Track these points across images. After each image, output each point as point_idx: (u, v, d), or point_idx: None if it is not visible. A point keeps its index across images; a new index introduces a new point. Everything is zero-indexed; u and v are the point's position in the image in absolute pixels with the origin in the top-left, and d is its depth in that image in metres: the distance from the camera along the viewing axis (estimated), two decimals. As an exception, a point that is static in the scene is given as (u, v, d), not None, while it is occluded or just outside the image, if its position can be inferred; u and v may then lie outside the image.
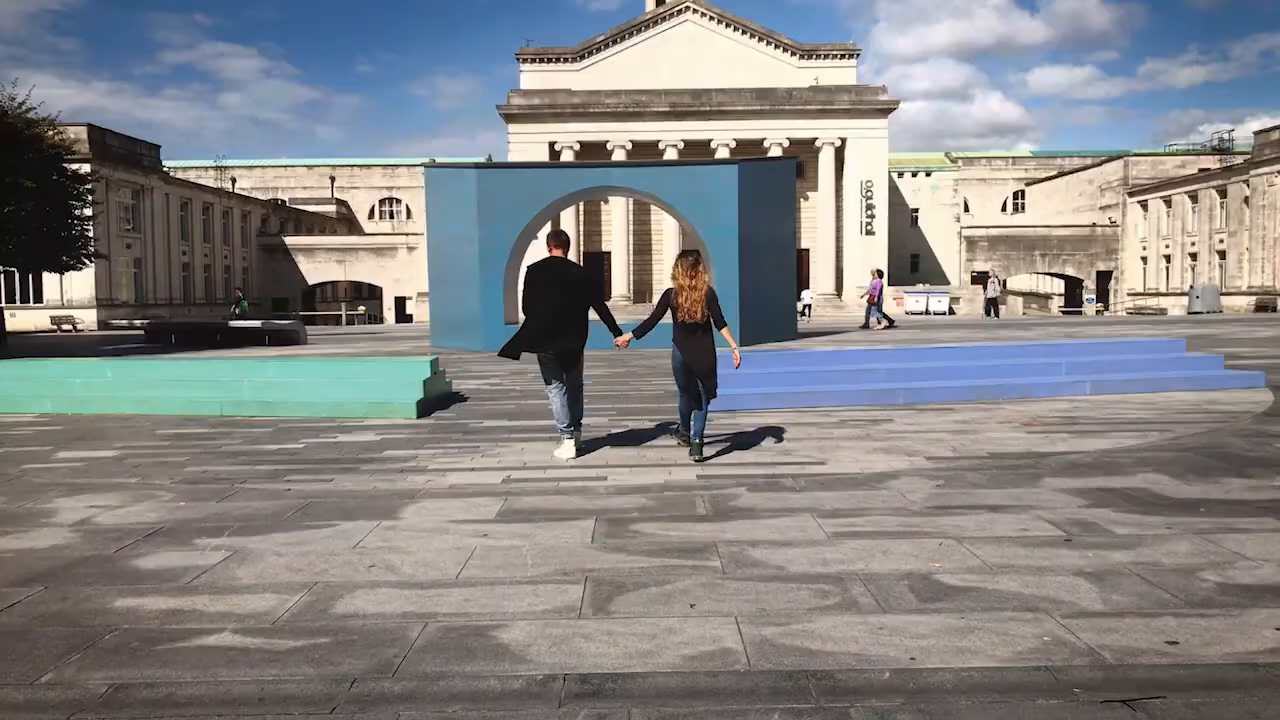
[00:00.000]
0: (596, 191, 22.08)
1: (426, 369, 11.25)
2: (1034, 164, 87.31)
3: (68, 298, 46.82)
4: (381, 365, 12.29)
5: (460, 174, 21.24)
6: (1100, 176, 71.40)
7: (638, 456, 8.07)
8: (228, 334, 25.71)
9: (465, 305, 21.11)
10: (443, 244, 22.11)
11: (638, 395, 12.23)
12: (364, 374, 11.65)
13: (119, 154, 49.20)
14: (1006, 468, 7.36)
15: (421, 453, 8.48)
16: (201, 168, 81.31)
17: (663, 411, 10.74)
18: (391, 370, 11.77)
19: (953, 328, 30.78)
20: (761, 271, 21.19)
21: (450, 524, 5.91)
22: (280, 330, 25.07)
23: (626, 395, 12.33)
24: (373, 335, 32.19)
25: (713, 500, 6.41)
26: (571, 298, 8.11)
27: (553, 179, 20.91)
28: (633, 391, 12.53)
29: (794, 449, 8.33)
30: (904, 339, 23.32)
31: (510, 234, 20.59)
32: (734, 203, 20.41)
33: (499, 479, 7.27)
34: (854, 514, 5.99)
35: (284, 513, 6.29)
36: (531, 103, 57.57)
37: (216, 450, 8.86)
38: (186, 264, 56.82)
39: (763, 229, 21.25)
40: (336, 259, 66.45)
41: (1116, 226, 68.20)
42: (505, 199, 20.54)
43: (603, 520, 5.91)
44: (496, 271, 20.59)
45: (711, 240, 20.61)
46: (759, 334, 20.94)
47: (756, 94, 56.91)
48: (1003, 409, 10.55)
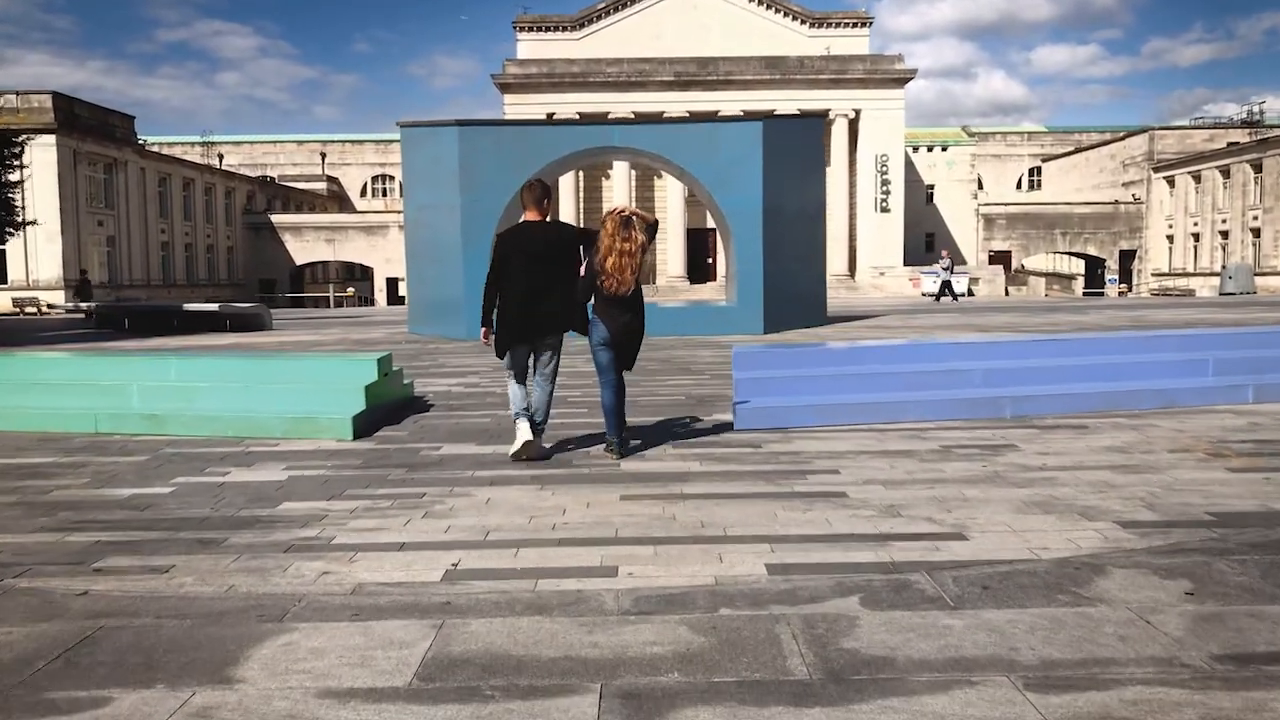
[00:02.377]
0: (597, 154, 19.18)
1: (372, 369, 8.38)
2: (1050, 140, 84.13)
3: (33, 278, 43.86)
4: (316, 364, 9.40)
5: (439, 132, 18.31)
6: (1123, 151, 68.23)
7: (663, 521, 5.21)
8: (185, 319, 22.85)
9: (446, 286, 18.23)
10: (420, 215, 19.21)
11: (650, 403, 9.38)
12: (291, 376, 8.78)
13: (88, 125, 46.10)
14: (1269, 546, 4.51)
15: (335, 507, 5.62)
16: (187, 143, 78.29)
17: (693, 435, 7.90)
18: (327, 371, 8.89)
19: (993, 310, 27.87)
20: (788, 246, 18.30)
21: (319, 705, 3.07)
22: (241, 314, 22.20)
23: (637, 402, 9.50)
24: (351, 320, 29.32)
25: (810, 635, 3.56)
26: (538, 277, 6.56)
27: (547, 138, 17.98)
28: (644, 398, 9.68)
29: (900, 503, 5.48)
30: (948, 324, 20.45)
31: (497, 203, 17.69)
32: (758, 165, 17.50)
33: (439, 572, 4.42)
34: (1082, 681, 3.15)
35: (29, 661, 3.45)
36: (528, 72, 54.43)
37: (37, 499, 6.00)
38: (166, 243, 53.81)
39: (789, 196, 18.35)
40: (325, 238, 63.44)
41: (1141, 203, 65.15)
42: (492, 162, 17.62)
43: (614, 698, 3.07)
44: (481, 247, 17.64)
45: (731, 210, 17.72)
46: (785, 319, 18.09)
47: (766, 63, 53.72)
48: (1155, 425, 7.70)
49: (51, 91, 43.81)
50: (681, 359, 13.66)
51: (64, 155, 43.86)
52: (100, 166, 47.53)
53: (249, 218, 62.91)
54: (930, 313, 26.52)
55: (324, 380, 8.41)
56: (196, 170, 58.42)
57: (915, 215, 64.60)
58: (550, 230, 6.84)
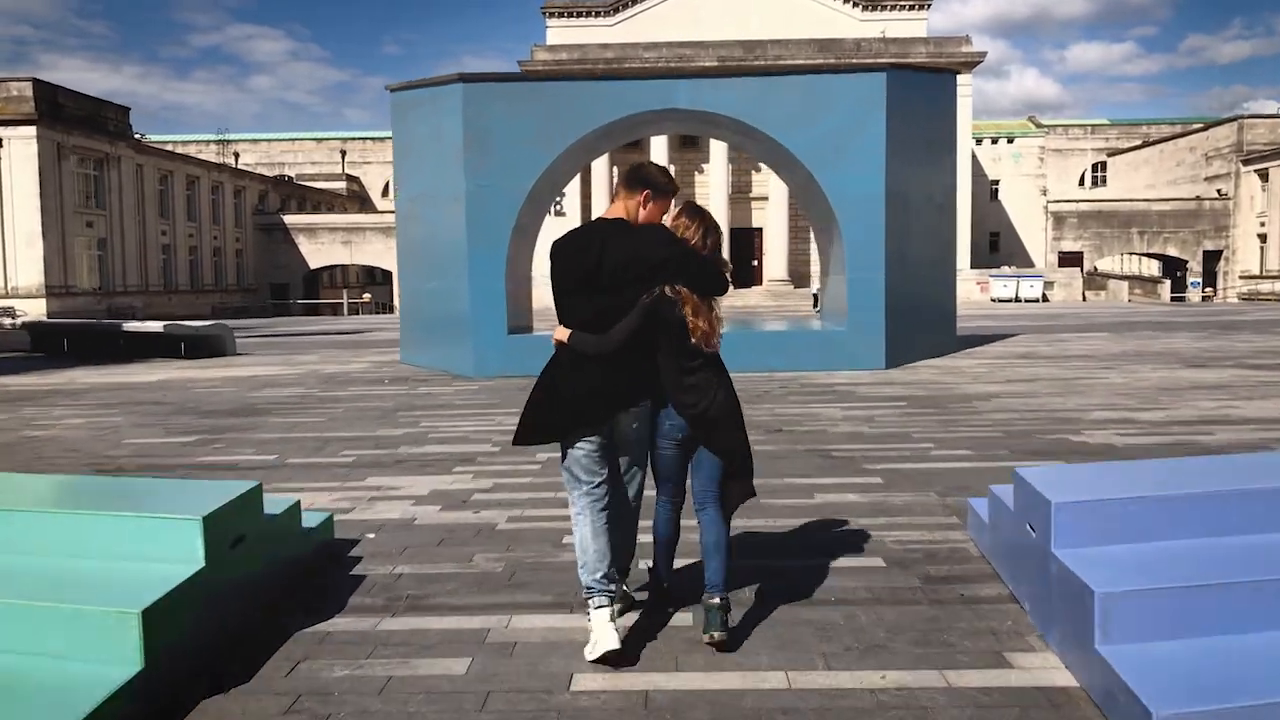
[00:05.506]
0: (651, 122, 14.28)
1: (192, 540, 3.51)
2: (1115, 132, 78.66)
3: (11, 285, 39.60)
4: (103, 527, 4.39)
5: (438, 94, 13.47)
6: (1206, 143, 62.42)
7: None
8: (133, 341, 18.19)
9: (447, 301, 13.42)
10: (414, 208, 14.41)
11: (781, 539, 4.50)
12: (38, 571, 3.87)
13: (75, 116, 41.77)
14: None
15: None
16: (202, 141, 74.62)
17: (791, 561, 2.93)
18: (116, 541, 3.92)
19: (1118, 325, 22.53)
20: (915, 245, 13.35)
21: None
22: (197, 336, 17.48)
23: (753, 539, 4.68)
24: (347, 337, 24.64)
25: None
26: (620, 305, 3.65)
27: (584, 99, 13.06)
28: (769, 525, 4.78)
29: None
30: (1115, 347, 15.37)
31: (518, 188, 12.88)
32: (879, 133, 12.57)
33: None
34: None
35: None
36: (558, 58, 49.76)
37: None
38: (167, 246, 49.47)
39: (916, 178, 13.43)
40: (341, 240, 59.12)
41: (1228, 199, 59.31)
42: (508, 132, 12.79)
43: None
44: (494, 248, 12.86)
45: (840, 196, 12.78)
46: (912, 346, 13.19)
47: (818, 46, 48.60)
48: None
49: (31, 78, 39.54)
50: (796, 420, 8.74)
51: (46, 149, 39.60)
52: (90, 162, 43.22)
53: (260, 218, 58.64)
54: (1076, 330, 21.43)
55: (90, 583, 3.52)
56: (202, 167, 54.10)
57: (979, 213, 59.17)
58: (637, 236, 3.74)
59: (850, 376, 12.04)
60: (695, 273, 3.67)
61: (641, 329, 3.59)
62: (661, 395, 3.72)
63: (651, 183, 3.78)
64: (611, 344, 3.58)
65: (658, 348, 3.64)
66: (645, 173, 3.83)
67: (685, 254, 3.69)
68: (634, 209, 3.80)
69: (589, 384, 3.60)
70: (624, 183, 3.85)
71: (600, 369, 3.61)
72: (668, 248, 3.68)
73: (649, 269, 3.63)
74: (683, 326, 3.61)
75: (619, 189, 3.89)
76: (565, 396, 3.63)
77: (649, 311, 3.59)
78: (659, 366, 3.68)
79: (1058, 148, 76.06)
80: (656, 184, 3.78)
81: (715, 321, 3.74)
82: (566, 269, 3.72)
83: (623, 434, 3.71)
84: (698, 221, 3.77)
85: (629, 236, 3.70)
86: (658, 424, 3.78)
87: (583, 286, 3.67)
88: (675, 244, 3.70)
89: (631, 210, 3.80)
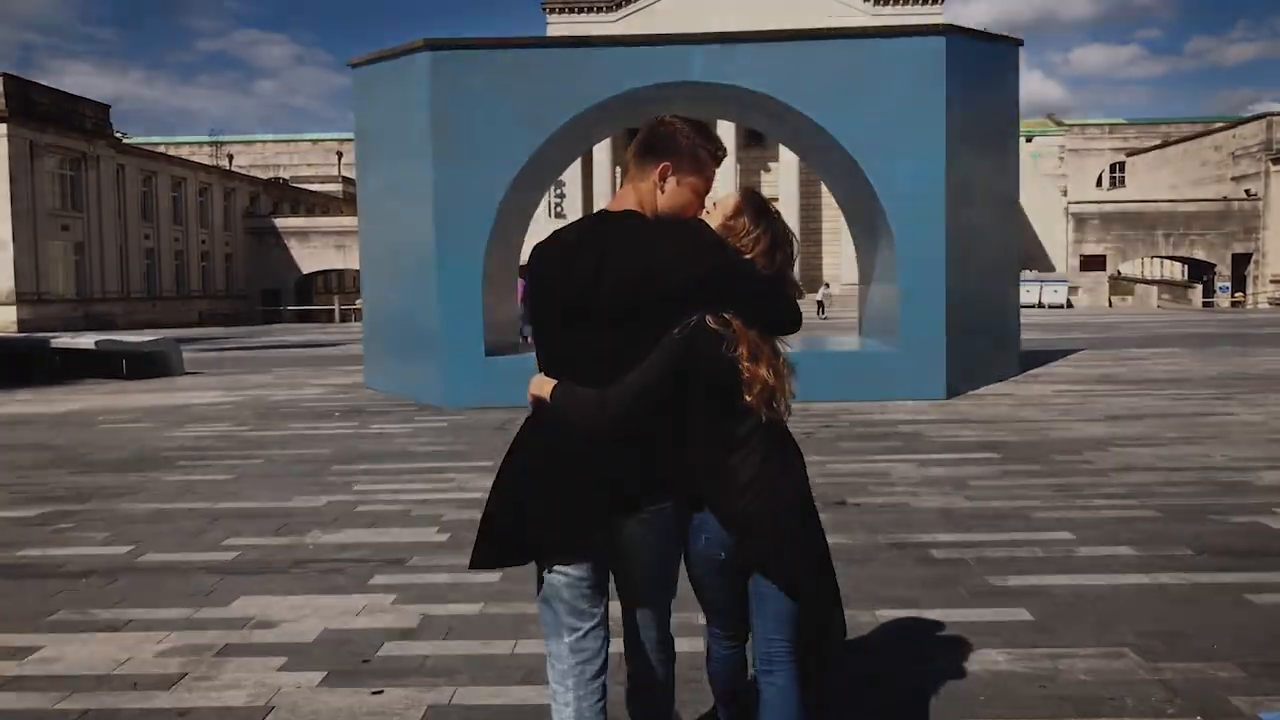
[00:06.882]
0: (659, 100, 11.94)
1: None
2: (1133, 132, 76.50)
3: (-21, 291, 37.38)
4: None
5: (402, 66, 11.16)
6: (1233, 141, 59.98)
7: None
8: (69, 359, 15.88)
9: (413, 316, 11.11)
10: (377, 203, 12.10)
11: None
12: None
13: (49, 112, 39.50)
14: None
15: None
16: (195, 143, 72.63)
17: None
18: None
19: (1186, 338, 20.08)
20: (979, 249, 11.02)
21: None
22: (138, 353, 15.18)
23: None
24: (317, 352, 22.39)
25: None
26: (616, 361, 2.33)
27: (579, 69, 10.74)
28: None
29: None
30: (1210, 376, 13.02)
31: (497, 180, 10.56)
32: (939, 112, 10.24)
33: None
34: None
35: None
36: (558, 53, 47.48)
37: None
38: (150, 250, 47.18)
39: (979, 168, 11.11)
40: (335, 244, 57.02)
41: (1258, 199, 56.85)
42: (486, 110, 10.48)
43: None
44: (469, 252, 10.54)
45: (889, 189, 10.45)
46: (972, 369, 10.87)
47: (831, 39, 46.26)
48: None
49: (2, 73, 37.30)
50: (858, 484, 6.39)
51: (17, 147, 37.35)
52: (65, 162, 41.01)
53: (250, 222, 56.37)
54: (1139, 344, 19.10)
55: None
56: (188, 168, 51.82)
57: (997, 215, 56.83)
58: (661, 247, 2.35)
59: (909, 409, 9.69)
60: (754, 298, 2.38)
61: (665, 382, 2.32)
62: (692, 490, 2.45)
63: (674, 147, 2.41)
64: (616, 407, 2.32)
65: (690, 412, 2.41)
66: (664, 131, 2.44)
67: (732, 269, 2.36)
68: (649, 193, 2.45)
69: (578, 470, 2.33)
70: (635, 151, 2.49)
71: (596, 446, 2.33)
72: (703, 260, 2.34)
73: (673, 293, 2.30)
74: (732, 376, 2.36)
75: (629, 162, 2.54)
76: (542, 490, 2.35)
77: (681, 352, 2.32)
78: (690, 442, 2.43)
79: (1075, 148, 73.74)
80: (681, 149, 2.41)
81: (785, 372, 2.46)
82: (549, 287, 2.45)
83: (629, 551, 2.39)
84: (763, 225, 2.46)
85: (643, 240, 2.38)
86: (691, 538, 2.49)
87: (572, 315, 2.39)
88: (716, 253, 2.37)
89: (647, 195, 2.45)
